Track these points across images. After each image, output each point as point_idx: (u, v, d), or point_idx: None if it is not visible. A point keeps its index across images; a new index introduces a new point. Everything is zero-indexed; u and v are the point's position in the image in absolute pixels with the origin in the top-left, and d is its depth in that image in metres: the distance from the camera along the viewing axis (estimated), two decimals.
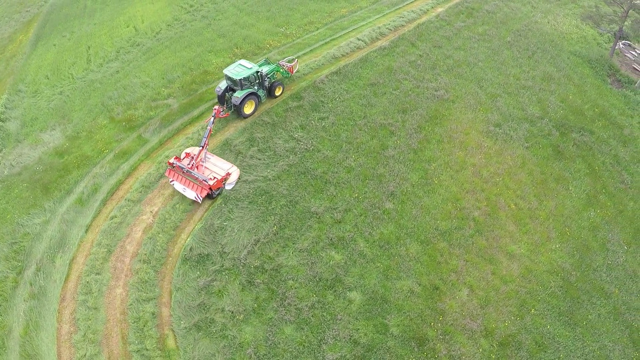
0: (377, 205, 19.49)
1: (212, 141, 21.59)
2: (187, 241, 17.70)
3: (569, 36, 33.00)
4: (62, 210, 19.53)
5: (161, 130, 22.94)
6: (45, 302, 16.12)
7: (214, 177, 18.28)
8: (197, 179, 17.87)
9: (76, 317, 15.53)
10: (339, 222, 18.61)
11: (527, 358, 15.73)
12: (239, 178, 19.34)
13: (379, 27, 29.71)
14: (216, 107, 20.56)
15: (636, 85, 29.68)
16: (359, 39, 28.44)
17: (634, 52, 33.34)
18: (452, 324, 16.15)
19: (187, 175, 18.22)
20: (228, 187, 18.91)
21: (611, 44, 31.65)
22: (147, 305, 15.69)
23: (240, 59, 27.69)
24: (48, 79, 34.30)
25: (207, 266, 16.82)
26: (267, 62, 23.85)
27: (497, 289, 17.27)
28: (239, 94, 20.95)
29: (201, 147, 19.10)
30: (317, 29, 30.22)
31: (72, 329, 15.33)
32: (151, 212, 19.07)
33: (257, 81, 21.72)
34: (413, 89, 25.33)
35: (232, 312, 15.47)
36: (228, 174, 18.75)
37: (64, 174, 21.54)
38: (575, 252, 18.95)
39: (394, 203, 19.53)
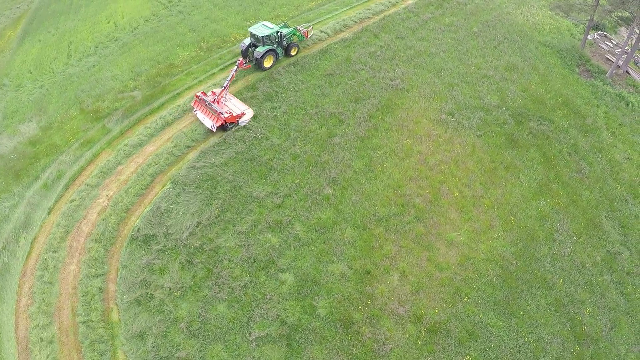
0: (317, 191, 18.63)
1: None
2: (136, 223, 18.07)
3: (541, 27, 31.20)
4: (29, 195, 19.97)
5: (123, 121, 22.79)
6: (8, 277, 16.77)
7: (230, 113, 20.76)
8: (215, 111, 20.57)
9: (33, 291, 16.24)
10: (279, 206, 18.14)
11: (455, 346, 14.63)
12: (251, 118, 21.54)
13: (344, 20, 28.53)
14: (239, 58, 23.40)
15: (607, 75, 27.78)
16: (321, 31, 27.34)
17: (609, 43, 31.44)
18: (380, 308, 15.26)
19: (208, 107, 20.95)
20: (241, 123, 21.24)
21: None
22: (95, 280, 16.30)
23: (206, 52, 27.44)
24: (31, 73, 34.40)
25: (152, 246, 17.27)
26: (286, 26, 25.59)
27: (431, 276, 16.15)
28: (260, 49, 23.30)
29: (223, 88, 21.83)
30: (284, 22, 29.25)
31: (29, 301, 16.08)
32: (107, 195, 19.53)
33: (276, 40, 23.96)
34: (369, 79, 24.14)
35: (170, 289, 15.87)
36: (243, 113, 21.10)
37: (34, 161, 21.86)
38: (518, 241, 17.53)
39: (334, 189, 18.65)
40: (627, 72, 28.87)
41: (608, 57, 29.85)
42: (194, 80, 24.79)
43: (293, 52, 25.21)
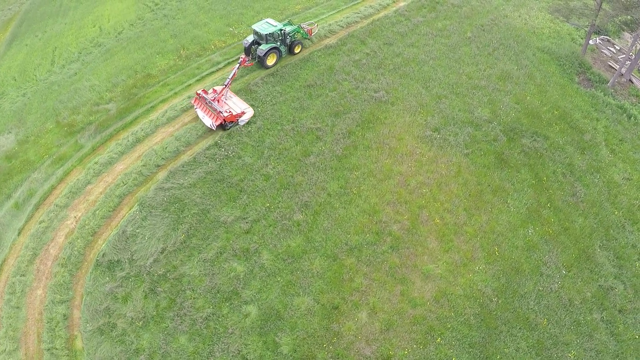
0: (287, 216, 17.24)
1: None
2: (102, 247, 17.16)
3: (540, 31, 28.95)
4: (0, 214, 19.18)
5: (96, 136, 21.71)
6: None
7: (230, 112, 20.03)
8: (215, 109, 19.96)
9: (1, 315, 15.78)
10: (247, 232, 16.85)
11: None
12: (251, 117, 20.75)
13: (330, 25, 26.65)
14: (242, 55, 22.65)
15: (608, 84, 25.59)
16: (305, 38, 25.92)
17: (612, 48, 29.05)
18: (345, 348, 13.93)
19: (208, 105, 20.36)
20: (241, 123, 20.50)
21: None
22: (60, 307, 15.69)
23: (184, 61, 25.94)
24: (15, 80, 33.32)
25: (116, 272, 16.39)
26: (290, 23, 24.95)
27: (403, 313, 14.70)
28: (263, 47, 22.62)
29: (224, 86, 21.09)
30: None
31: None
32: (75, 217, 18.58)
33: (280, 38, 23.22)
34: (351, 90, 22.38)
35: (133, 319, 15.17)
36: (243, 112, 20.34)
37: (8, 178, 21.04)
38: (501, 275, 15.93)
39: (305, 214, 17.23)
40: (630, 80, 26.65)
41: (611, 64, 27.55)
42: (170, 92, 23.35)
43: (297, 50, 24.33)
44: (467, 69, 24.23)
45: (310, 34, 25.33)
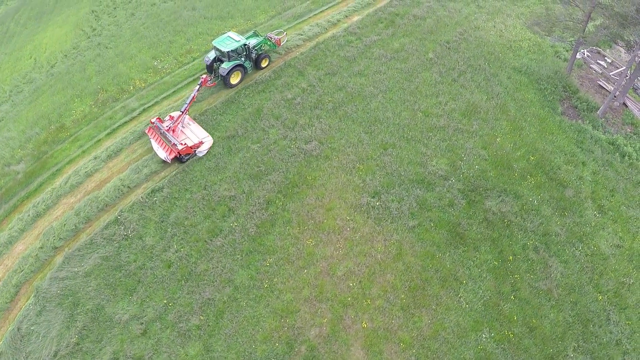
0: (186, 317, 13.36)
1: None
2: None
3: (518, 45, 23.75)
4: None
5: (0, 207, 18.10)
6: None
7: (185, 143, 17.45)
8: (169, 140, 17.69)
9: None
10: (143, 334, 13.28)
11: None
12: (210, 147, 18.19)
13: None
14: (204, 75, 19.80)
15: (598, 112, 20.71)
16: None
17: (602, 62, 23.98)
18: None
19: (162, 136, 18.04)
20: (199, 154, 17.97)
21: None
22: None
23: (100, 108, 21.63)
24: None
25: None
26: (255, 34, 22.25)
27: None
28: (226, 65, 20.07)
29: (181, 112, 18.45)
30: (194, 59, 22.78)
31: None
32: None
33: (244, 53, 20.59)
34: (279, 140, 17.95)
35: None
36: (201, 142, 17.83)
37: None
38: None
39: (207, 314, 13.31)
40: (624, 104, 21.91)
41: (601, 83, 22.69)
42: (78, 150, 19.41)
43: (264, 64, 21.49)
44: (424, 103, 19.47)
45: (279, 45, 22.22)
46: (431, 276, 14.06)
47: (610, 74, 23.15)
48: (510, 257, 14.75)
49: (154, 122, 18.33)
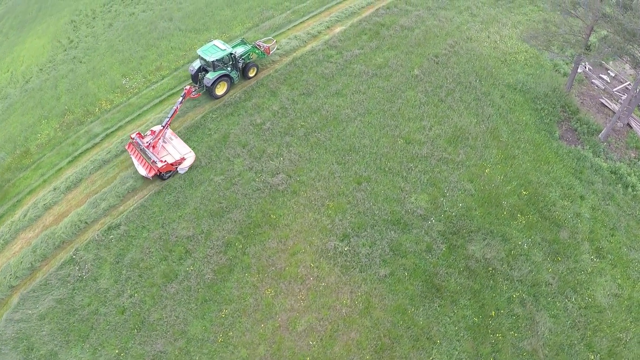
0: None
1: None
2: None
3: (514, 58, 21.50)
4: None
5: None
6: None
7: (165, 161, 16.27)
8: (150, 158, 16.40)
9: None
10: None
11: None
12: (192, 164, 16.96)
13: None
14: (187, 86, 18.22)
15: (600, 136, 18.37)
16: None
17: (604, 77, 21.34)
18: None
19: (142, 152, 16.85)
20: (181, 171, 16.81)
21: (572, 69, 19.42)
22: None
23: (64, 131, 20.16)
24: None
25: None
26: (243, 42, 20.89)
27: None
28: (210, 76, 18.76)
29: (162, 127, 17.20)
30: (163, 77, 21.06)
31: None
32: None
33: (230, 62, 19.26)
34: (244, 172, 16.25)
35: None
36: (182, 159, 16.56)
37: None
38: None
39: None
40: (628, 125, 19.57)
41: (603, 101, 20.36)
42: (39, 179, 18.12)
43: (251, 74, 20.09)
44: (406, 128, 17.49)
45: (268, 53, 20.89)
46: (401, 334, 12.42)
47: (614, 90, 20.95)
48: (493, 312, 13.04)
49: (133, 138, 17.12)
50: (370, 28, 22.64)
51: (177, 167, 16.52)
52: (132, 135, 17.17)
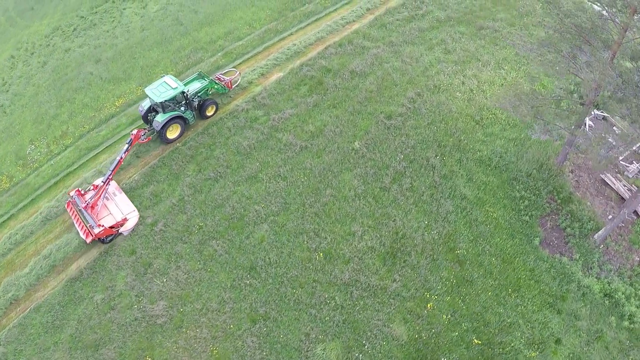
0: None
1: None
2: None
3: (492, 114, 15.76)
4: None
5: None
6: None
7: (102, 225, 13.69)
8: (87, 221, 14.03)
9: None
10: None
11: None
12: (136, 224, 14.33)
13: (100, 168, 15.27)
14: (134, 131, 15.65)
15: (596, 237, 12.96)
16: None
17: (610, 138, 13.72)
18: None
19: (79, 213, 14.38)
20: (125, 233, 14.27)
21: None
22: None
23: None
24: None
25: None
26: (201, 77, 17.92)
27: None
28: (160, 118, 16.03)
29: (103, 182, 14.49)
30: (66, 148, 17.25)
31: None
32: None
33: (184, 102, 16.43)
34: (124, 293, 12.65)
35: None
36: (124, 220, 14.15)
37: None
38: None
39: None
40: (635, 213, 14.00)
41: (606, 179, 14.29)
42: None
43: (209, 112, 17.10)
44: (330, 236, 12.81)
45: (230, 87, 18.09)
46: None
47: (620, 159, 14.49)
48: None
49: (72, 196, 14.62)
50: (313, 75, 17.67)
51: (118, 230, 13.90)
52: (71, 193, 14.73)
